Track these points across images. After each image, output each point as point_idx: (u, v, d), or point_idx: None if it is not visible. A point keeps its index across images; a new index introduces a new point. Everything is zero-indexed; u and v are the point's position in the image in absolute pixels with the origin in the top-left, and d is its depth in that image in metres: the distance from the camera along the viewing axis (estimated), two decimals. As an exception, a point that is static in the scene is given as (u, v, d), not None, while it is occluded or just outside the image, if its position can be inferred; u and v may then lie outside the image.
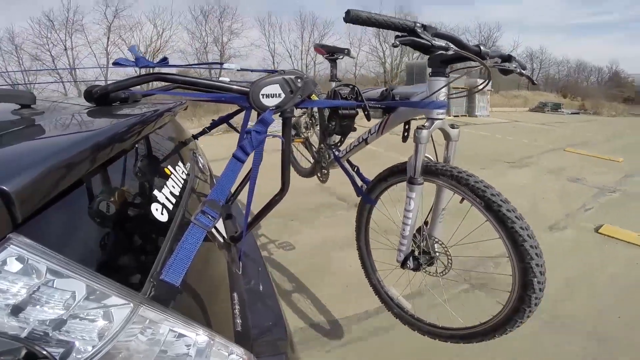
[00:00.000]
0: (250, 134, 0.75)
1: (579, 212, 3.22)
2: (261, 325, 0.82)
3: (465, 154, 4.85)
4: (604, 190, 3.84)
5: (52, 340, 0.37)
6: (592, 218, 3.06)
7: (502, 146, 6.39)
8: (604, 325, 1.70)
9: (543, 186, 3.99)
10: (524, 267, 0.82)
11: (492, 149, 6.01)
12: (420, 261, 1.08)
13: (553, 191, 3.82)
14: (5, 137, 0.52)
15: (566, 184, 4.11)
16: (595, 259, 2.38)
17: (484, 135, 7.64)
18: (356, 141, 1.35)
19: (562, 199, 3.58)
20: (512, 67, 1.00)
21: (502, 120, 10.21)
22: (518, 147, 6.30)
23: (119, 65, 0.87)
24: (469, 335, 1.01)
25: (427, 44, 0.87)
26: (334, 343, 1.61)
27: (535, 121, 10.52)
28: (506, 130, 8.49)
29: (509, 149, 6.09)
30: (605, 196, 3.67)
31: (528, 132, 8.22)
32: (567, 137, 7.63)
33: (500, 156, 5.41)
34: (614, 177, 4.34)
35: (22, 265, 0.37)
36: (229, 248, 0.97)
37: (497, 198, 0.84)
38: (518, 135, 7.70)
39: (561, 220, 3.01)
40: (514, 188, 3.82)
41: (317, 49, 1.60)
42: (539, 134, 8.06)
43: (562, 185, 4.03)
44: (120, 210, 0.57)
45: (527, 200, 3.42)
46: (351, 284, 1.98)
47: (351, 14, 0.83)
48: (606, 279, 2.14)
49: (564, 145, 6.42)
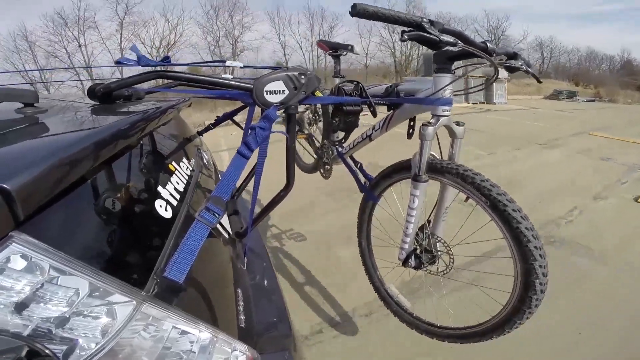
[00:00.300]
0: (255, 130, 0.75)
1: (616, 185, 3.53)
2: (265, 322, 0.82)
3: (498, 135, 6.09)
4: (634, 168, 4.08)
5: (55, 337, 0.37)
6: (629, 190, 3.38)
7: (529, 130, 6.76)
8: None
9: (577, 164, 4.35)
10: (527, 268, 0.81)
11: (521, 133, 6.42)
12: (422, 260, 1.07)
13: (587, 168, 4.16)
14: (8, 136, 0.52)
15: (598, 162, 4.41)
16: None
17: (509, 120, 8.09)
18: (360, 137, 1.34)
19: (596, 174, 3.90)
20: (518, 65, 0.99)
21: (520, 107, 10.54)
22: (544, 131, 6.63)
23: (121, 64, 0.87)
24: (467, 335, 1.00)
25: (434, 39, 0.85)
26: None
27: (553, 108, 10.84)
28: (528, 116, 8.91)
29: (537, 132, 6.45)
30: (636, 172, 3.94)
31: (549, 118, 8.60)
32: (588, 123, 7.87)
33: (531, 139, 5.76)
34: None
35: (26, 262, 0.37)
36: (233, 244, 0.98)
37: (503, 197, 0.83)
38: (541, 120, 8.11)
39: (602, 192, 3.32)
40: (552, 165, 4.26)
41: (320, 45, 1.58)
42: (560, 119, 8.45)
43: (594, 163, 4.35)
44: (123, 207, 0.57)
45: (565, 176, 3.78)
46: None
47: (357, 7, 0.82)
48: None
49: (588, 130, 6.68)
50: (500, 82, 10.41)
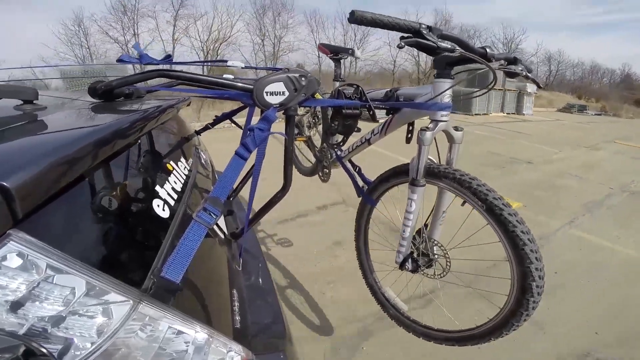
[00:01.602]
0: (253, 131, 0.75)
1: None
2: (260, 322, 0.82)
3: (553, 139, 7.79)
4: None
5: (51, 336, 0.37)
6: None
7: (569, 136, 8.60)
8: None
9: (619, 159, 6.17)
10: (524, 271, 0.81)
11: (566, 138, 8.10)
12: (419, 263, 1.07)
13: (626, 161, 6.04)
14: (6, 133, 0.52)
15: (631, 159, 6.26)
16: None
17: (548, 129, 9.77)
18: (359, 141, 1.34)
19: (634, 165, 5.75)
20: (518, 70, 0.99)
21: (546, 119, 12.20)
22: (580, 138, 8.31)
23: (122, 62, 0.87)
24: (464, 337, 1.01)
25: (432, 46, 0.86)
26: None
27: (572, 120, 12.33)
28: (558, 125, 10.67)
29: (576, 138, 8.22)
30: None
31: (576, 128, 10.34)
32: (608, 133, 9.57)
33: (577, 143, 7.53)
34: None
35: (22, 261, 0.37)
36: (229, 244, 0.98)
37: (498, 202, 0.84)
38: (571, 130, 9.93)
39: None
40: (604, 159, 6.03)
41: (321, 49, 1.58)
42: (585, 130, 10.13)
43: (630, 160, 6.23)
44: (121, 206, 0.57)
45: (617, 165, 5.64)
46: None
47: (356, 14, 0.82)
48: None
49: (612, 139, 8.42)
50: (529, 95, 11.83)
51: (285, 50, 21.16)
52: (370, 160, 1.60)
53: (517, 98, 11.78)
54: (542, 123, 10.92)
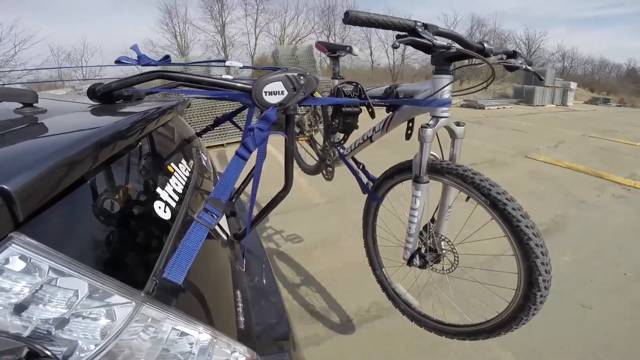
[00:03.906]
0: (253, 131, 0.75)
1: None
2: (264, 323, 0.82)
3: (612, 123, 8.81)
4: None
5: (54, 339, 0.37)
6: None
7: (617, 120, 9.52)
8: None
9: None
10: (530, 266, 0.81)
11: (616, 123, 8.92)
12: (426, 259, 1.07)
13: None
14: (7, 136, 0.52)
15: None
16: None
17: (594, 117, 10.46)
18: (361, 139, 1.34)
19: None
20: (518, 64, 0.99)
21: (584, 109, 13.25)
22: (627, 123, 9.04)
23: (120, 63, 0.87)
24: (475, 332, 1.01)
25: (428, 44, 0.85)
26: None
27: (604, 111, 12.99)
28: (598, 115, 11.27)
29: (627, 122, 9.17)
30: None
31: (615, 116, 10.89)
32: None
33: (627, 126, 8.28)
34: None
35: (25, 264, 0.37)
36: (232, 245, 0.97)
37: (502, 196, 0.84)
38: (613, 117, 10.60)
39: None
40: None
41: (319, 46, 1.58)
42: (621, 117, 10.67)
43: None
44: (122, 208, 0.57)
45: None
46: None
47: (350, 15, 0.82)
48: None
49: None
50: (571, 91, 14.38)
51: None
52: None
53: (562, 93, 14.48)
54: (585, 112, 11.95)
